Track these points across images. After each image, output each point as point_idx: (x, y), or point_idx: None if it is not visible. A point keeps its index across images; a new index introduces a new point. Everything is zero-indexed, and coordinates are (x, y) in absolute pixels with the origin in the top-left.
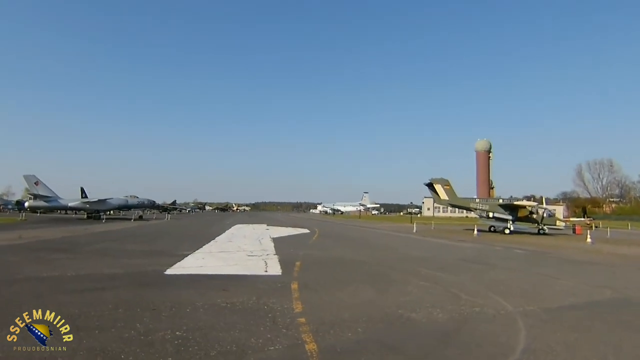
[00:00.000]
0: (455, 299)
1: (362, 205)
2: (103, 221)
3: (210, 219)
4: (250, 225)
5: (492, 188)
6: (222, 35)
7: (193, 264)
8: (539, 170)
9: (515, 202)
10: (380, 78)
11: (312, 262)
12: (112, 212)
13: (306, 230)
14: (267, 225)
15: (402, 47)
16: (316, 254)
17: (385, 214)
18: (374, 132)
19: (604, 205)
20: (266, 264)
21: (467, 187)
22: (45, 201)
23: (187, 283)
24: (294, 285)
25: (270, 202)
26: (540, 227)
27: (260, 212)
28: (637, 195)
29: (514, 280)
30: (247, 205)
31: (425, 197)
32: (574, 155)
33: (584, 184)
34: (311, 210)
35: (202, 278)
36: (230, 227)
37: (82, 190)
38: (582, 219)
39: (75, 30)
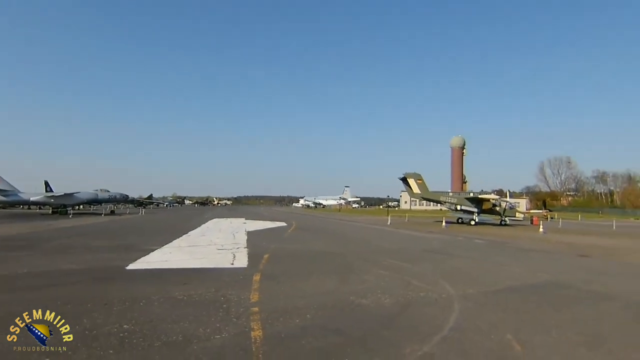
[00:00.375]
0: (406, 285)
1: (343, 198)
2: (70, 216)
3: (188, 214)
4: (228, 219)
5: (465, 182)
6: (209, 31)
7: (158, 259)
8: (508, 166)
9: (480, 196)
10: (372, 73)
11: (283, 255)
12: (81, 207)
13: (284, 224)
14: (245, 219)
15: (389, 43)
16: (288, 247)
17: (365, 207)
18: (355, 126)
19: (561, 199)
20: (234, 257)
21: (443, 181)
22: (3, 195)
23: (147, 278)
24: (256, 277)
25: (252, 197)
26: (502, 218)
27: (242, 206)
28: (590, 189)
29: (467, 268)
30: (228, 200)
31: (402, 191)
32: (539, 152)
33: (545, 179)
34: (294, 204)
35: (164, 272)
36: (206, 222)
37: (47, 184)
38: (540, 211)
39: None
